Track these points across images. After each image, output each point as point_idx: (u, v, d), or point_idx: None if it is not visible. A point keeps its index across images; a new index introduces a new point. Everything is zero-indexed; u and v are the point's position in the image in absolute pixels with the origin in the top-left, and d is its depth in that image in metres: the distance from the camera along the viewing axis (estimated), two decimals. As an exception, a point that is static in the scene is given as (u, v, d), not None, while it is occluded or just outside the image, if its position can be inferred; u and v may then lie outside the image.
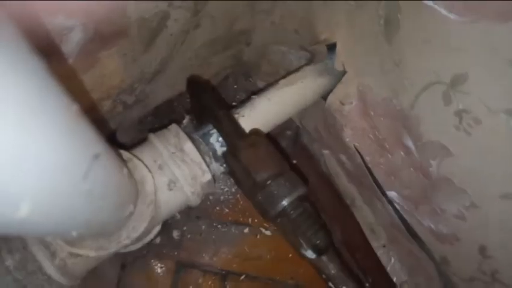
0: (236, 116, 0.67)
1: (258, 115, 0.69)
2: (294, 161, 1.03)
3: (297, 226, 0.61)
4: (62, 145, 0.25)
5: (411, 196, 0.75)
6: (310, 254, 0.61)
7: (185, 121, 0.67)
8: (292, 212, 0.60)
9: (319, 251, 0.61)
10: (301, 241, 0.61)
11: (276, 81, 0.71)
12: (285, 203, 0.60)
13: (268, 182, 0.60)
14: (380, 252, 0.94)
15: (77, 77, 0.58)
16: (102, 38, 0.56)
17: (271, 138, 0.89)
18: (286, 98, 0.71)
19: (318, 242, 0.61)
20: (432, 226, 0.74)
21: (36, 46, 0.24)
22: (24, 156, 0.21)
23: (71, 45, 0.52)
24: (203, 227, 0.99)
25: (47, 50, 0.49)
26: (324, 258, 0.63)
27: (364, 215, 0.93)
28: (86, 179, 0.29)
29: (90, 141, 0.29)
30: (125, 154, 0.58)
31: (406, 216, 0.79)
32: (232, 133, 0.64)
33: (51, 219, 0.27)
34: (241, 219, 1.02)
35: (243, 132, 0.65)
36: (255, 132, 0.66)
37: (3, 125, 0.18)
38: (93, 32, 0.53)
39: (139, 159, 0.59)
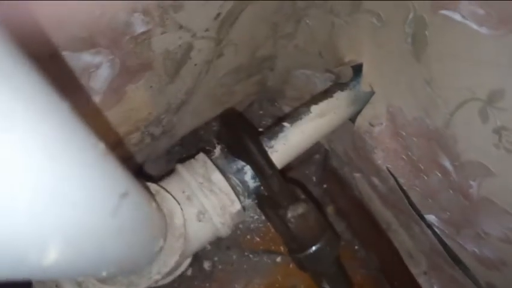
0: (270, 150, 0.66)
1: (291, 148, 0.69)
2: (325, 185, 1.01)
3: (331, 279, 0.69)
4: (90, 184, 0.24)
5: (451, 219, 0.72)
6: None
7: (216, 151, 0.66)
8: (330, 270, 0.68)
9: None
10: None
11: (308, 108, 0.69)
12: (326, 266, 0.67)
13: (311, 247, 0.63)
14: (421, 280, 0.89)
15: (105, 113, 0.59)
16: (128, 72, 0.56)
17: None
18: (319, 128, 0.71)
19: None
20: (476, 250, 0.70)
21: (64, 84, 0.23)
22: (55, 188, 0.20)
23: (99, 81, 0.53)
24: (234, 257, 0.97)
25: (75, 87, 0.50)
26: None
27: (402, 240, 0.89)
28: (114, 217, 0.28)
29: (118, 179, 0.28)
30: (153, 186, 0.58)
31: (447, 241, 0.75)
32: (281, 192, 0.64)
33: (80, 262, 0.27)
34: (272, 248, 0.99)
35: (288, 191, 0.65)
36: (303, 200, 0.66)
37: (31, 165, 0.18)
38: (120, 67, 0.54)
39: (167, 191, 0.59)
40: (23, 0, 0.31)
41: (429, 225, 0.75)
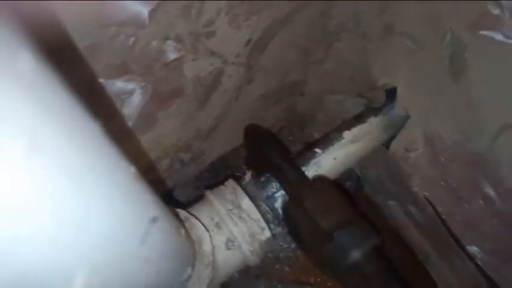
0: None
1: (323, 174, 0.67)
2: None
3: (372, 285, 0.53)
4: (120, 209, 0.24)
5: (496, 250, 0.67)
6: None
7: (247, 177, 0.65)
8: (366, 266, 0.52)
9: None
10: None
11: (340, 134, 0.68)
12: (357, 255, 0.52)
13: (338, 231, 0.53)
14: (463, 316, 0.83)
15: (136, 139, 0.59)
16: (160, 98, 0.57)
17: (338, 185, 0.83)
18: (351, 154, 0.69)
19: None
20: (525, 286, 0.65)
21: (98, 110, 0.23)
22: (82, 218, 0.19)
23: (131, 108, 0.54)
24: (262, 286, 0.94)
25: (108, 113, 0.51)
26: None
27: (441, 273, 0.84)
28: (143, 243, 0.27)
29: (148, 204, 0.27)
30: (182, 213, 0.57)
31: (491, 274, 0.70)
32: (297, 180, 0.60)
33: (108, 290, 0.26)
34: (302, 278, 0.95)
35: (308, 179, 0.62)
36: (321, 178, 0.62)
37: (58, 194, 0.17)
38: (152, 93, 0.54)
39: (197, 218, 0.58)
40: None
41: (471, 257, 0.71)
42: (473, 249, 0.71)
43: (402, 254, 0.91)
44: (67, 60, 0.37)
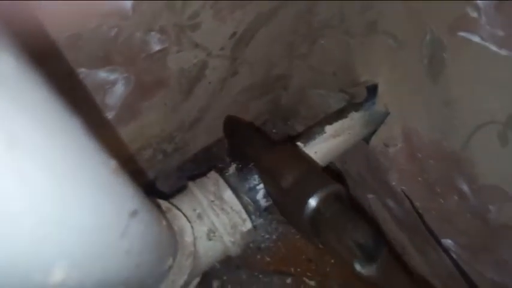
0: None
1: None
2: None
3: (335, 226, 0.51)
4: (100, 203, 0.24)
5: (469, 244, 0.69)
6: (360, 267, 0.49)
7: (231, 169, 0.66)
8: (326, 210, 0.51)
9: (369, 256, 0.49)
10: (347, 247, 0.49)
11: (322, 128, 0.69)
12: (313, 202, 0.51)
13: (294, 185, 0.54)
14: (437, 307, 0.85)
15: (118, 129, 0.59)
16: (143, 89, 0.57)
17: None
18: (332, 149, 0.70)
19: (363, 240, 0.48)
20: (495, 278, 0.67)
21: (80, 101, 0.23)
22: (61, 213, 0.20)
23: (114, 98, 0.54)
24: (244, 277, 0.95)
25: (90, 104, 0.50)
26: (381, 269, 0.49)
27: (417, 265, 0.86)
28: (123, 237, 0.28)
29: (128, 198, 0.28)
30: (164, 204, 0.57)
31: (464, 267, 0.72)
32: (263, 148, 0.61)
33: (88, 282, 0.26)
34: (283, 269, 0.97)
35: (272, 144, 0.63)
36: (282, 141, 0.64)
37: (41, 181, 0.17)
38: (135, 84, 0.54)
39: (178, 209, 0.58)
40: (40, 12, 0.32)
41: (446, 250, 0.73)
42: (447, 242, 0.73)
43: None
44: (47, 52, 0.37)
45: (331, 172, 0.99)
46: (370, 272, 0.49)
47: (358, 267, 0.49)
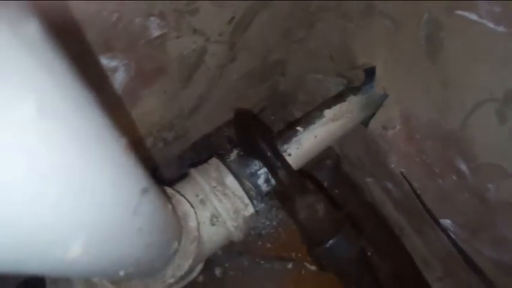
0: (283, 154, 0.66)
1: (304, 152, 0.68)
2: (336, 191, 1.00)
3: (354, 280, 0.67)
4: (114, 178, 0.24)
5: (468, 223, 0.70)
6: None
7: (232, 155, 0.66)
8: (350, 268, 0.65)
9: None
10: None
11: (321, 112, 0.69)
12: (342, 262, 0.63)
13: (326, 241, 0.61)
14: (436, 286, 0.87)
15: (120, 116, 0.59)
16: (143, 76, 0.57)
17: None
18: (332, 132, 0.70)
19: None
20: (494, 256, 0.69)
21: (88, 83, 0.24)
22: (82, 184, 0.20)
23: (115, 85, 0.54)
24: (245, 263, 0.96)
25: (96, 87, 0.50)
26: None
27: (416, 245, 0.87)
28: (135, 214, 0.28)
29: (138, 176, 0.28)
30: (168, 190, 0.58)
31: (463, 246, 0.73)
32: (288, 182, 0.63)
33: (102, 258, 0.26)
34: (284, 254, 0.98)
35: (298, 182, 0.64)
36: (312, 190, 0.65)
37: (65, 149, 0.17)
38: (135, 71, 0.54)
39: (182, 195, 0.58)
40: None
41: (444, 230, 0.74)
42: (446, 222, 0.74)
43: (379, 229, 0.94)
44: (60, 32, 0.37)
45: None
46: None
47: None
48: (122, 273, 0.36)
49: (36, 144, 0.15)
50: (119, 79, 0.54)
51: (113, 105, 0.55)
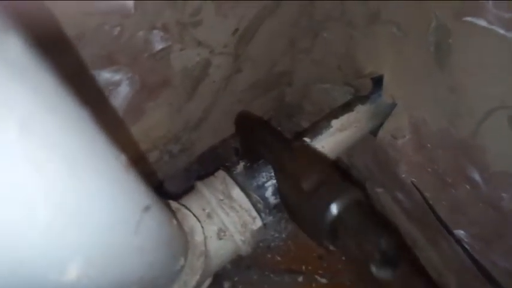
0: None
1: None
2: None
3: (355, 234, 0.51)
4: (112, 197, 0.24)
5: (482, 234, 0.68)
6: (382, 272, 0.49)
7: (238, 167, 0.65)
8: (347, 219, 0.51)
9: (390, 262, 0.49)
10: (367, 254, 0.50)
11: (328, 123, 0.68)
12: (335, 210, 0.51)
13: (315, 191, 0.53)
14: (451, 299, 0.85)
15: (124, 130, 0.58)
16: (147, 89, 0.56)
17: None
18: (339, 143, 0.69)
19: (387, 251, 0.49)
20: (509, 267, 0.66)
21: (85, 102, 0.23)
22: (76, 205, 0.19)
23: (118, 99, 0.53)
24: (255, 277, 0.94)
25: (95, 105, 0.50)
26: (401, 275, 0.51)
27: (429, 257, 0.85)
28: (137, 233, 0.27)
29: (140, 193, 0.27)
30: (173, 204, 0.57)
31: (478, 257, 0.71)
32: (279, 149, 0.60)
33: (102, 281, 0.25)
34: (293, 267, 0.96)
35: (289, 145, 0.61)
36: (300, 143, 0.62)
37: (55, 170, 0.17)
38: (139, 84, 0.54)
39: (188, 209, 0.58)
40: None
41: (458, 241, 0.72)
42: (460, 233, 0.72)
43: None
44: (53, 49, 0.36)
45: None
46: (386, 275, 0.49)
47: (374, 270, 0.49)
48: (125, 292, 0.35)
49: (21, 165, 0.14)
50: (123, 93, 0.53)
51: (115, 121, 0.54)
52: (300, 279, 0.95)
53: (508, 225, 0.62)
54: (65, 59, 0.40)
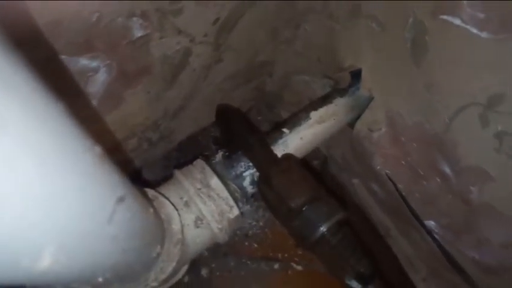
0: None
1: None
2: (323, 192, 1.00)
3: (338, 253, 0.57)
4: (86, 188, 0.24)
5: (451, 225, 0.71)
6: (355, 284, 0.57)
7: (217, 157, 0.66)
8: (331, 238, 0.56)
9: (364, 280, 0.57)
10: (344, 270, 0.57)
11: (307, 114, 0.69)
12: (323, 228, 0.56)
13: (304, 208, 0.57)
14: (420, 287, 0.88)
15: (101, 118, 0.58)
16: (126, 77, 0.56)
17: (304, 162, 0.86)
18: (318, 134, 0.70)
19: (362, 269, 0.56)
20: (477, 257, 0.69)
21: (61, 88, 0.23)
22: (48, 197, 0.20)
23: (96, 86, 0.53)
24: (232, 263, 0.96)
25: (71, 92, 0.49)
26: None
27: (401, 246, 0.88)
28: (110, 223, 0.28)
29: (114, 184, 0.27)
30: (151, 192, 0.57)
31: (447, 247, 0.74)
32: (265, 160, 0.62)
33: (75, 268, 0.26)
34: (270, 255, 0.98)
35: (275, 158, 0.63)
36: (287, 157, 0.64)
37: (22, 172, 0.17)
38: (117, 72, 0.53)
39: (165, 197, 0.58)
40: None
41: (429, 231, 0.75)
42: (431, 224, 0.74)
43: (365, 229, 0.94)
44: (26, 38, 0.36)
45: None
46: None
47: (347, 283, 0.57)
48: (100, 279, 0.35)
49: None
50: (100, 80, 0.53)
51: (91, 109, 0.54)
52: (276, 266, 0.97)
53: (475, 217, 0.65)
54: (38, 48, 0.39)
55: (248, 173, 0.65)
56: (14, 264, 0.21)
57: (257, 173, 0.64)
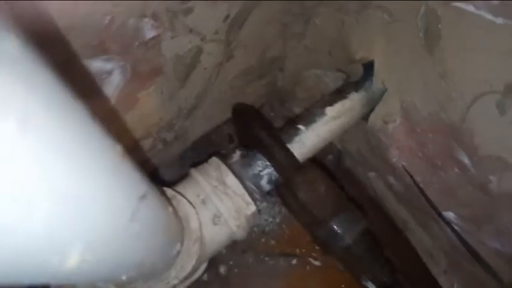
0: None
1: (307, 151, 0.68)
2: (338, 186, 1.00)
3: (361, 263, 0.61)
4: (109, 186, 0.24)
5: (471, 215, 0.70)
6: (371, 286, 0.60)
7: (235, 156, 0.66)
8: (355, 247, 0.60)
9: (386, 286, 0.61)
10: (365, 276, 0.61)
11: (322, 110, 0.68)
12: (348, 240, 0.59)
13: (330, 219, 0.59)
14: (441, 279, 0.87)
15: (118, 118, 0.59)
16: (139, 77, 0.57)
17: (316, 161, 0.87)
18: (334, 130, 0.70)
19: (384, 279, 0.60)
20: (498, 247, 0.68)
21: (77, 91, 0.23)
22: (75, 195, 0.20)
23: (111, 88, 0.54)
24: (250, 260, 0.96)
25: (88, 94, 0.50)
26: None
27: (420, 239, 0.87)
28: (133, 220, 0.28)
29: (136, 182, 0.28)
30: (168, 191, 0.58)
31: (467, 238, 0.73)
32: (288, 166, 0.62)
33: (101, 266, 0.26)
34: (288, 251, 0.98)
35: (297, 163, 0.63)
36: (311, 166, 0.64)
37: (48, 171, 0.17)
38: (131, 73, 0.54)
39: (183, 196, 0.58)
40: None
41: (448, 223, 0.74)
42: (449, 215, 0.74)
43: (382, 223, 0.94)
44: (44, 41, 0.36)
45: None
46: None
47: (364, 284, 0.62)
48: (123, 277, 0.36)
49: (21, 160, 0.14)
50: (115, 81, 0.53)
51: (108, 110, 0.54)
52: (294, 262, 0.97)
53: (495, 206, 0.64)
54: (56, 50, 0.40)
55: (266, 172, 0.65)
56: (44, 263, 0.21)
57: (274, 173, 0.65)
